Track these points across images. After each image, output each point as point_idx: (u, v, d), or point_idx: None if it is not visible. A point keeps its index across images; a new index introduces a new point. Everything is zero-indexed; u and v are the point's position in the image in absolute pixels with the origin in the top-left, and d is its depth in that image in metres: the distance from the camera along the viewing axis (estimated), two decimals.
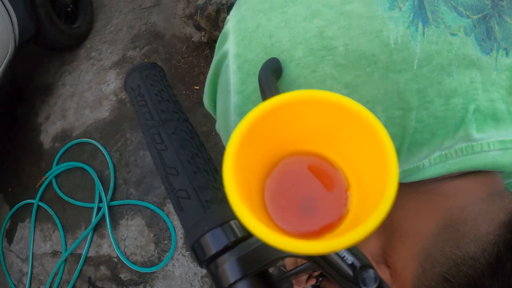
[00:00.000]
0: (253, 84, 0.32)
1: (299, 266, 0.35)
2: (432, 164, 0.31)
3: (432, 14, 0.30)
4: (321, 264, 0.21)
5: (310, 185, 0.20)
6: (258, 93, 0.32)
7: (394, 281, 0.34)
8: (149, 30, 2.28)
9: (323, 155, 0.21)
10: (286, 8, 0.32)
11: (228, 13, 1.86)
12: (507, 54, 0.31)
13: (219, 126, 0.41)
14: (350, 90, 0.30)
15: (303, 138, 0.20)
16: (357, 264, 0.20)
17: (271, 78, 0.27)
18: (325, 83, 0.30)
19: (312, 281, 0.50)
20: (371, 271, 0.19)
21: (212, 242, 0.22)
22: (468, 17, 0.31)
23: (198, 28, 1.94)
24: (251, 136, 0.18)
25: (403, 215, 0.34)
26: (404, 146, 0.31)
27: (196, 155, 0.26)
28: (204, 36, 1.94)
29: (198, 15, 1.88)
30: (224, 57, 0.36)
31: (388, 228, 0.36)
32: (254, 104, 0.33)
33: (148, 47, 2.20)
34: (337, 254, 0.20)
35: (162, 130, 0.28)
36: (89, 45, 2.41)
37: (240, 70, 0.33)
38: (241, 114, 0.34)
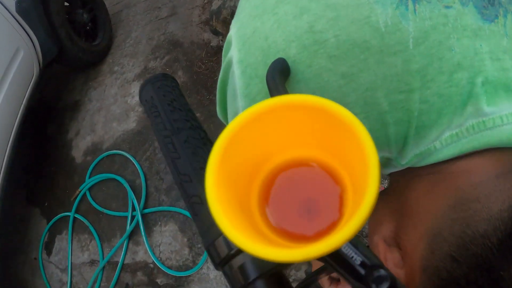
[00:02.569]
0: (257, 86, 0.33)
1: (319, 268, 0.35)
2: (444, 145, 0.30)
3: None
4: (333, 266, 0.21)
5: (310, 190, 0.20)
6: (263, 94, 0.33)
7: (405, 264, 0.33)
8: (167, 39, 2.33)
9: (318, 158, 0.21)
10: (277, 9, 0.32)
11: None
12: None
13: None
14: (348, 80, 0.30)
15: (297, 142, 0.21)
16: (367, 264, 0.20)
17: (279, 79, 0.28)
18: (321, 76, 0.30)
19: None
20: (382, 271, 0.19)
21: (226, 245, 0.23)
22: None
23: (216, 33, 1.97)
24: (236, 145, 0.18)
25: (415, 196, 0.34)
26: (411, 129, 0.30)
27: None
28: (222, 41, 1.97)
29: (214, 20, 1.91)
30: (229, 64, 0.37)
31: (400, 210, 0.35)
32: None
33: (168, 57, 2.25)
34: (345, 254, 0.20)
35: (175, 139, 0.29)
36: (111, 60, 2.49)
37: (243, 74, 0.34)
38: None
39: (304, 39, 0.30)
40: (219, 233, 0.23)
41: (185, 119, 0.31)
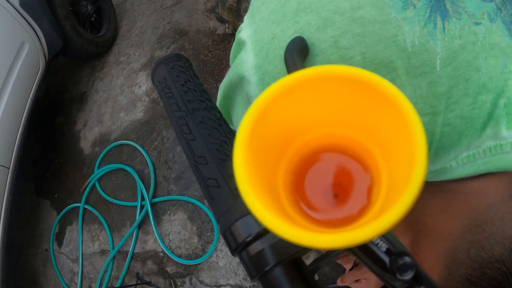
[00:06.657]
0: None
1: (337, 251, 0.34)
2: (460, 164, 0.30)
3: (452, 5, 0.28)
4: (355, 252, 0.20)
5: (337, 173, 0.19)
6: None
7: None
8: (173, 28, 2.31)
9: (349, 137, 0.19)
10: (298, 17, 0.31)
11: (248, 1, 1.85)
12: None
13: None
14: None
15: (329, 119, 0.19)
16: (393, 251, 0.19)
17: (297, 57, 0.27)
18: None
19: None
20: (406, 259, 0.18)
21: (243, 230, 0.22)
22: (491, 0, 0.28)
23: (221, 20, 1.94)
24: (265, 119, 0.17)
25: (429, 214, 0.33)
26: (431, 151, 0.30)
27: (225, 143, 0.26)
28: (228, 28, 1.94)
29: (220, 8, 1.88)
30: (241, 66, 0.35)
31: (414, 226, 0.35)
32: None
33: (174, 45, 2.23)
34: (370, 241, 0.19)
35: (190, 120, 0.28)
36: (117, 51, 2.48)
37: (261, 81, 0.33)
38: None
39: (329, 54, 0.29)
40: (236, 218, 0.22)
41: (200, 100, 0.30)
